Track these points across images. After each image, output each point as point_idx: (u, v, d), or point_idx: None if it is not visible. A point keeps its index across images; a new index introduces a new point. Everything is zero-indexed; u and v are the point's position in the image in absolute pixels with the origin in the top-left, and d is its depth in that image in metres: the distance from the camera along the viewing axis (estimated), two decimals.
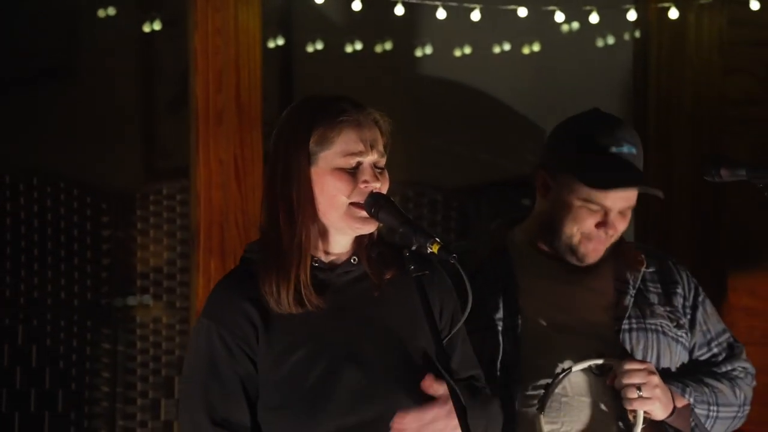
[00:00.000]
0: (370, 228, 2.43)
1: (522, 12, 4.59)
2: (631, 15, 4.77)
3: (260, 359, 2.40)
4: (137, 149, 5.45)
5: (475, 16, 4.54)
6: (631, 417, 2.81)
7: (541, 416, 2.75)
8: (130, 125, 5.45)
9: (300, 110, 2.46)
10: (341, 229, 2.43)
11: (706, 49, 4.76)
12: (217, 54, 3.97)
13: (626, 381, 2.75)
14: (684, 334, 2.92)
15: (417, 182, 4.60)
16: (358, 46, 5.14)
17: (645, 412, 2.79)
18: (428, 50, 5.18)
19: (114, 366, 4.48)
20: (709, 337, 2.98)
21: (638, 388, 2.75)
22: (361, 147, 2.41)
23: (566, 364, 2.80)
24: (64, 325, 4.43)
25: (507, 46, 5.14)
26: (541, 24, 5.00)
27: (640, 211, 4.94)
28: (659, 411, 2.80)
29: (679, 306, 2.95)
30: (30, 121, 5.32)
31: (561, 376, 2.79)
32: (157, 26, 5.11)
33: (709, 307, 3.04)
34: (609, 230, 2.81)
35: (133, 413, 4.47)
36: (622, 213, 2.84)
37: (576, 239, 2.81)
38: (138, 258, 4.52)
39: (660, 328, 2.89)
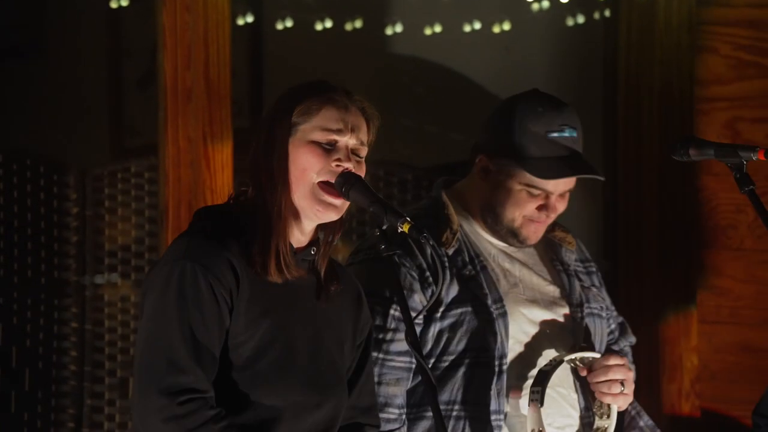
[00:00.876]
0: (331, 215, 2.43)
1: None
2: None
3: (234, 317, 2.39)
4: (105, 127, 5.41)
5: None
6: (600, 408, 2.82)
7: (541, 409, 2.74)
8: (98, 102, 5.42)
9: (292, 88, 2.47)
10: (303, 209, 2.43)
11: (676, 29, 4.77)
12: (186, 30, 3.94)
13: (611, 376, 2.77)
14: (605, 315, 2.97)
15: (387, 161, 4.59)
16: (328, 23, 5.12)
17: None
18: (398, 28, 5.16)
19: (82, 345, 4.46)
20: (608, 314, 3.01)
21: (622, 383, 2.78)
22: (340, 125, 2.42)
23: (549, 355, 2.81)
24: (30, 303, 4.40)
25: (477, 25, 5.13)
26: (511, 3, 5.00)
27: (607, 190, 4.96)
28: (626, 405, 2.85)
29: (598, 285, 3.00)
30: None
31: (553, 367, 2.79)
32: (124, 2, 5.07)
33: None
34: (550, 213, 2.84)
35: (101, 392, 4.46)
36: (562, 195, 2.86)
37: (518, 223, 2.83)
38: (106, 236, 4.50)
39: (598, 312, 2.93)
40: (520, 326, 2.81)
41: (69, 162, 4.59)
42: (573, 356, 2.80)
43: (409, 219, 2.35)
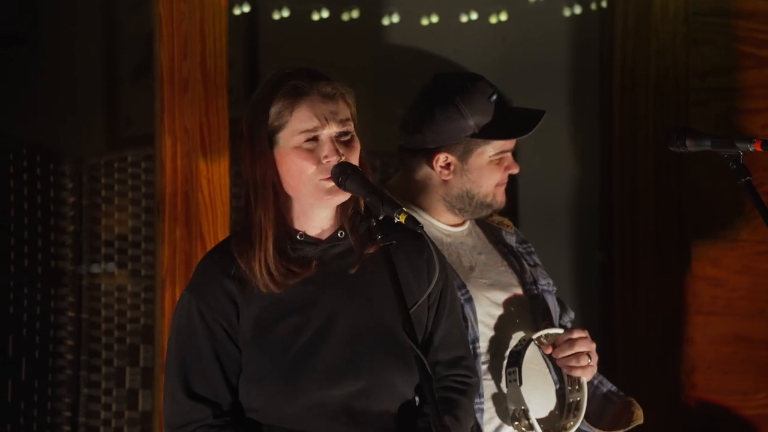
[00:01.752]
0: (340, 198, 2.44)
1: None
2: None
3: (241, 334, 2.41)
4: (101, 116, 5.41)
5: None
6: (570, 382, 2.85)
7: (521, 388, 2.77)
8: (94, 92, 5.41)
9: (259, 94, 2.47)
10: (314, 204, 2.44)
11: (672, 19, 4.77)
12: (182, 20, 3.94)
13: (578, 348, 2.81)
14: (553, 291, 3.03)
15: (384, 152, 4.59)
16: (325, 14, 5.11)
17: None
18: (395, 19, 5.16)
19: (78, 334, 4.46)
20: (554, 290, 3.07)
21: (588, 355, 2.81)
22: (315, 122, 2.41)
23: (519, 335, 2.85)
24: (27, 292, 4.40)
25: (474, 15, 5.13)
26: None
27: (603, 182, 4.97)
28: (591, 376, 2.88)
29: (540, 264, 3.06)
30: None
31: (524, 346, 2.82)
32: None
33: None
34: (514, 169, 2.94)
35: (97, 381, 4.46)
36: (511, 150, 2.97)
37: (491, 194, 2.90)
38: (102, 226, 4.50)
39: (549, 288, 2.99)
40: (486, 309, 2.86)
41: (65, 151, 4.59)
42: (540, 333, 2.84)
43: (405, 210, 2.35)
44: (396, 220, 2.34)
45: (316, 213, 2.46)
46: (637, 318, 4.74)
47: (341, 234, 2.47)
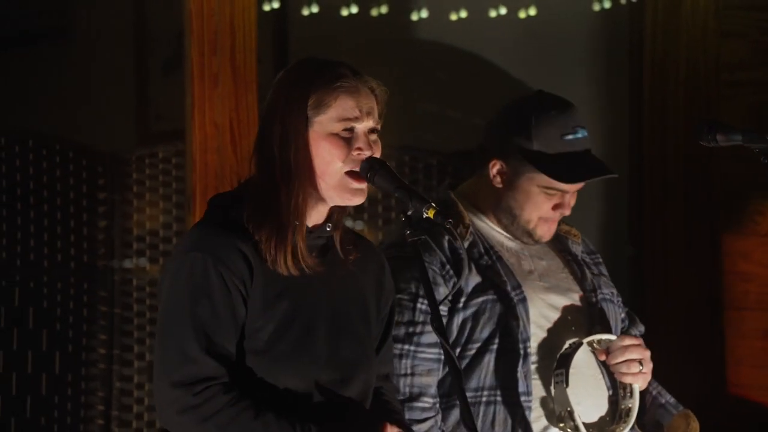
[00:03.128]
0: (358, 200, 2.46)
1: None
2: None
3: (251, 303, 2.40)
4: (132, 112, 5.45)
5: None
6: (622, 390, 2.86)
7: (567, 390, 2.78)
8: (125, 87, 5.45)
9: (297, 73, 2.46)
10: (331, 197, 2.44)
11: (702, 13, 4.75)
12: (212, 16, 3.96)
13: (629, 355, 2.81)
14: (619, 302, 3.02)
15: (412, 147, 4.60)
16: (354, 9, 5.12)
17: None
18: (424, 14, 5.16)
19: (111, 328, 4.50)
20: (618, 301, 3.07)
21: (640, 362, 2.82)
22: (356, 113, 2.42)
23: (572, 339, 2.86)
24: (60, 287, 4.44)
25: (503, 10, 5.12)
26: None
27: (633, 177, 4.96)
28: (646, 384, 2.88)
29: (606, 275, 3.05)
30: (25, 83, 5.31)
31: (573, 350, 2.83)
32: None
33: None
34: (565, 211, 2.91)
35: (129, 375, 4.50)
36: (574, 192, 2.93)
37: (533, 224, 2.90)
38: (134, 221, 4.53)
39: (611, 298, 2.98)
40: (540, 311, 2.86)
41: (97, 147, 4.62)
42: (591, 338, 2.84)
43: (434, 204, 2.36)
44: (425, 215, 2.35)
45: (322, 206, 2.47)
46: (667, 313, 4.73)
47: (329, 227, 2.48)
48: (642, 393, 2.90)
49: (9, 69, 5.36)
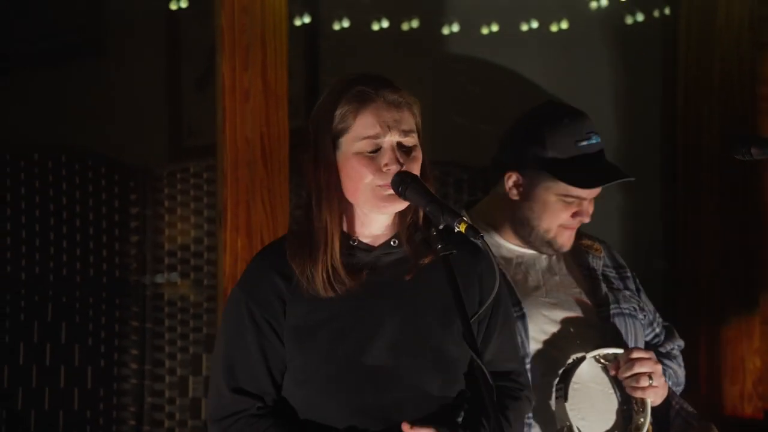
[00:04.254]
0: (397, 206, 2.44)
1: None
2: None
3: (287, 332, 2.41)
4: (164, 127, 5.46)
5: None
6: (635, 404, 2.83)
7: (566, 404, 2.77)
8: (157, 103, 5.47)
9: (329, 94, 2.48)
10: (371, 210, 2.44)
11: (737, 25, 4.72)
12: (244, 32, 3.97)
13: (637, 369, 2.79)
14: (643, 317, 2.99)
15: (443, 161, 4.59)
16: (385, 23, 5.12)
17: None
18: (455, 28, 5.15)
19: (142, 343, 4.50)
20: (650, 318, 3.04)
21: (649, 376, 2.79)
22: (377, 129, 2.41)
23: (577, 354, 2.84)
24: (92, 302, 4.45)
25: (534, 24, 5.11)
26: (569, 1, 4.97)
27: (666, 190, 4.92)
28: (659, 398, 2.85)
29: (633, 289, 3.02)
30: (58, 99, 5.34)
31: (575, 364, 2.81)
32: (183, 3, 5.12)
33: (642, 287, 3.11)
34: (584, 218, 2.89)
35: (161, 390, 4.50)
36: (592, 199, 2.92)
37: (553, 233, 2.89)
38: (166, 236, 4.54)
39: (632, 312, 2.95)
40: (541, 327, 2.85)
41: (129, 162, 4.64)
42: (595, 353, 2.82)
43: (465, 219, 2.35)
44: (456, 229, 2.33)
45: (373, 219, 2.46)
46: (701, 328, 4.69)
47: (394, 242, 2.47)
48: (664, 406, 2.87)
49: (43, 84, 5.39)
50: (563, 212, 2.87)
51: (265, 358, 2.43)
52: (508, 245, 2.93)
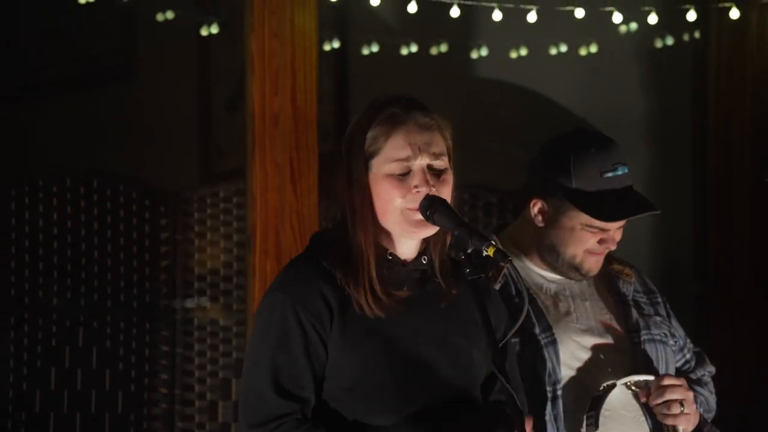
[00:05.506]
0: (426, 231, 2.45)
1: (579, 13, 4.55)
2: (691, 15, 4.70)
3: (332, 343, 2.42)
4: (194, 151, 5.49)
5: (532, 17, 4.51)
6: (666, 430, 2.81)
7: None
8: (188, 127, 5.50)
9: (362, 115, 2.49)
10: (399, 233, 2.45)
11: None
12: (274, 56, 3.99)
13: (669, 396, 2.77)
14: (674, 343, 2.97)
15: (472, 185, 4.58)
16: (414, 48, 5.13)
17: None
18: (484, 52, 5.15)
19: (172, 368, 4.51)
20: (681, 344, 3.02)
21: (681, 403, 2.77)
22: (408, 152, 2.42)
23: (608, 381, 2.82)
24: (123, 327, 4.47)
25: (564, 48, 5.10)
26: (598, 25, 4.96)
27: (697, 212, 4.89)
28: (691, 425, 2.83)
29: (664, 315, 3.00)
30: (90, 124, 5.38)
31: (606, 391, 2.79)
32: (214, 30, 5.15)
33: (673, 313, 3.09)
34: (610, 245, 2.88)
35: (191, 415, 4.50)
36: (620, 227, 2.90)
37: (579, 258, 2.88)
38: (195, 260, 4.55)
39: (663, 338, 2.93)
40: (572, 353, 2.83)
41: (160, 187, 4.66)
42: (626, 380, 2.80)
43: (494, 242, 2.34)
44: (485, 253, 2.33)
45: (401, 241, 2.47)
46: (736, 350, 4.65)
47: (425, 260, 2.48)
48: None
49: (75, 110, 5.43)
50: (590, 240, 2.86)
51: (311, 363, 2.41)
52: (537, 270, 2.92)
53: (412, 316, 2.45)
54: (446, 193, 2.44)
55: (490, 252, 2.33)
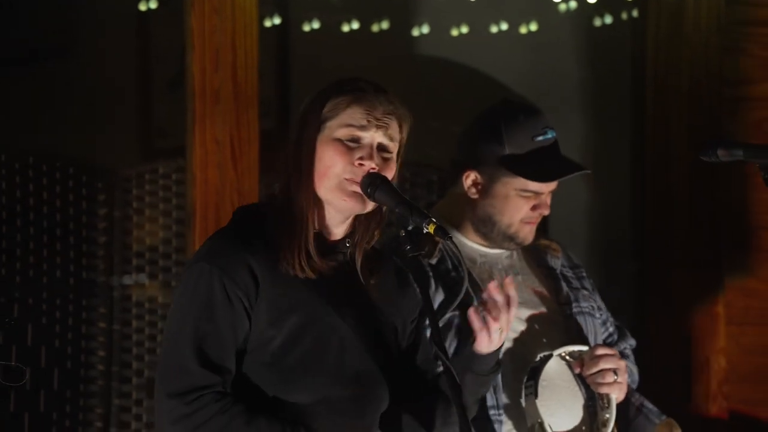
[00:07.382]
0: (357, 207, 2.45)
1: None
2: None
3: (256, 316, 2.40)
4: (133, 128, 5.44)
5: None
6: (600, 400, 2.86)
7: (536, 401, 2.79)
8: (127, 104, 5.44)
9: (327, 86, 2.50)
10: (331, 201, 2.44)
11: (705, 28, 4.75)
12: (214, 33, 3.96)
13: (603, 365, 2.83)
14: (599, 316, 3.03)
15: (413, 163, 4.59)
16: (355, 25, 5.12)
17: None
18: (425, 30, 5.16)
19: (110, 345, 4.48)
20: (604, 317, 3.08)
21: (614, 372, 2.83)
22: (364, 122, 2.43)
23: (544, 351, 2.87)
24: (59, 303, 4.43)
25: (504, 26, 5.12)
26: (538, 3, 4.99)
27: (636, 191, 4.94)
28: (623, 394, 2.89)
29: (590, 289, 3.07)
30: (26, 101, 5.30)
31: (542, 362, 2.84)
32: (153, 4, 5.10)
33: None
34: (543, 210, 2.95)
35: (128, 392, 4.48)
36: (550, 192, 2.97)
37: (515, 228, 2.93)
38: (134, 237, 4.52)
39: (591, 311, 3.00)
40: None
41: (97, 164, 4.62)
42: (561, 350, 2.86)
43: (434, 220, 2.36)
44: (425, 230, 2.35)
45: (332, 215, 2.47)
46: (670, 329, 4.71)
47: (348, 243, 2.48)
48: (625, 404, 2.91)
49: (11, 87, 5.36)
50: (524, 206, 2.92)
51: (235, 335, 2.40)
52: (470, 244, 2.96)
53: (333, 296, 2.46)
54: (388, 176, 2.44)
55: (431, 229, 2.35)
